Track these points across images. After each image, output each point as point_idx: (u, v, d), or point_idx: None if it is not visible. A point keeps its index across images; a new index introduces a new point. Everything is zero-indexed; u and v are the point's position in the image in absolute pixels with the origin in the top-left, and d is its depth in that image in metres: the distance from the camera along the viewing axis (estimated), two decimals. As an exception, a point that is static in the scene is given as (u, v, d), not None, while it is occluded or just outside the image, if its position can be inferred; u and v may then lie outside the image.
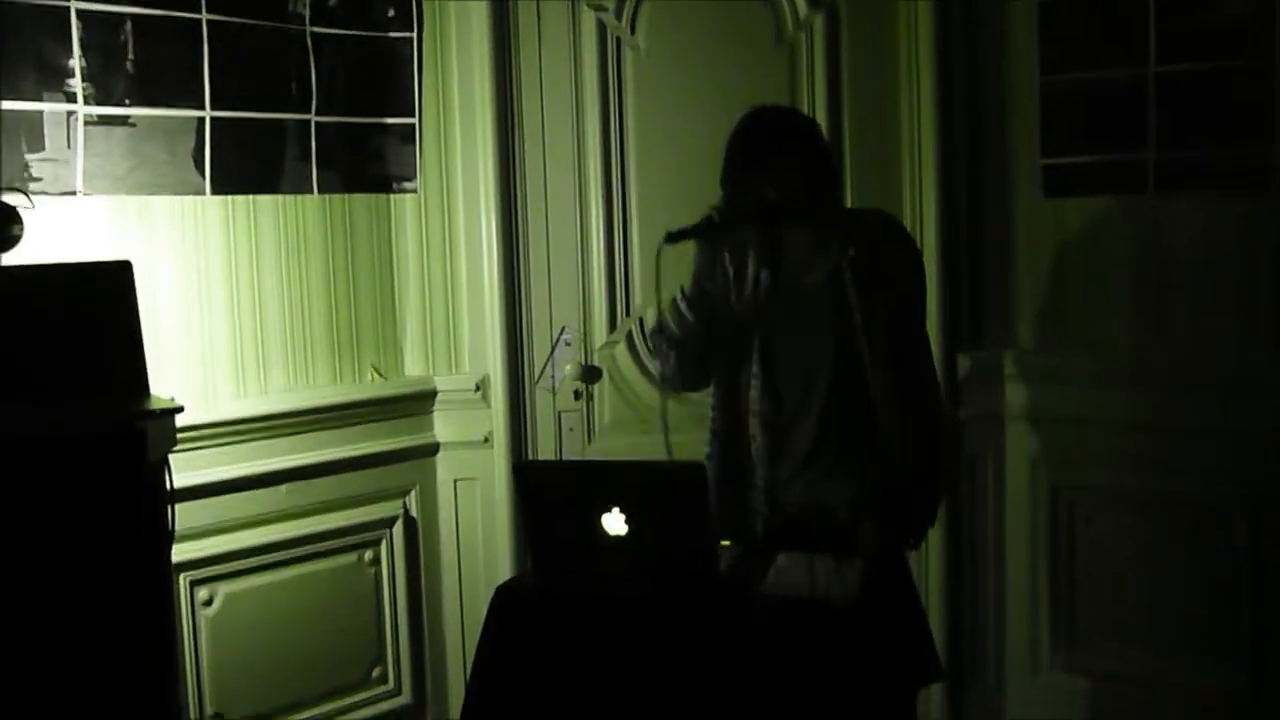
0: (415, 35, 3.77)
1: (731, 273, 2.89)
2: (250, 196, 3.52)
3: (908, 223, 3.45)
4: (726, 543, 2.77)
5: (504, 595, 2.71)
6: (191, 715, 3.39)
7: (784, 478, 2.90)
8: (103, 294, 2.82)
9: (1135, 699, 3.71)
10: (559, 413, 3.84)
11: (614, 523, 2.55)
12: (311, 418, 3.62)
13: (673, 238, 2.70)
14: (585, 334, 3.83)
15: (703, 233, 2.74)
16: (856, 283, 2.77)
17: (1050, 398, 3.80)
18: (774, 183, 2.75)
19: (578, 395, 3.72)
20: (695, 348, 2.90)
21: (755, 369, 2.90)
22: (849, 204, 3.60)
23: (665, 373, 3.00)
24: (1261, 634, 3.49)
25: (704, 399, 3.00)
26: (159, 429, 2.76)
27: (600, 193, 3.82)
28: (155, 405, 2.79)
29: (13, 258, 2.88)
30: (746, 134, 2.83)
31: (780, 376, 2.89)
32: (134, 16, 3.25)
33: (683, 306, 2.88)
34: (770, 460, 2.89)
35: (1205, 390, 3.51)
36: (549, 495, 2.69)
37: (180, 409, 2.80)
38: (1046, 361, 3.82)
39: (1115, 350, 3.68)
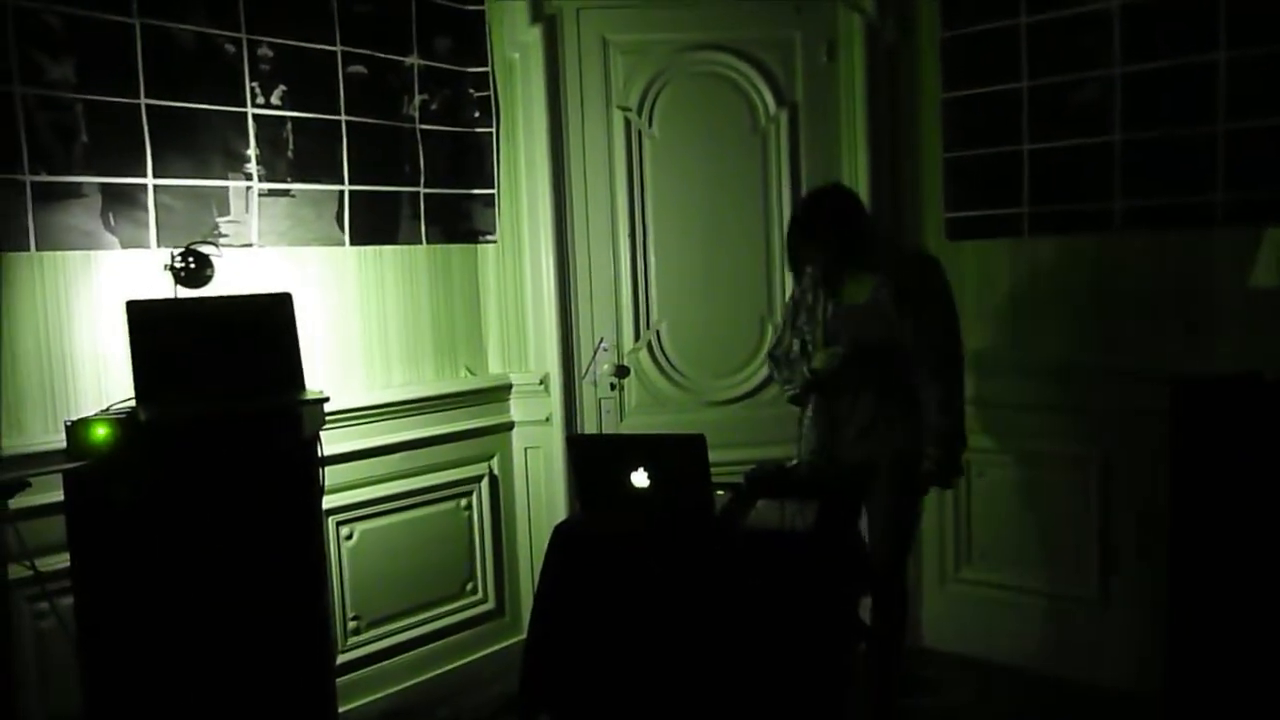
0: (494, 130, 3.75)
1: (810, 301, 2.97)
2: (377, 246, 3.51)
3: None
4: (720, 492, 2.75)
5: (560, 531, 2.70)
6: (336, 617, 3.38)
7: (849, 439, 2.95)
8: (270, 316, 2.82)
9: (1014, 602, 3.65)
10: (599, 400, 3.81)
11: (639, 478, 2.54)
12: (422, 404, 3.60)
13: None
14: (618, 343, 3.80)
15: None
16: (894, 301, 2.84)
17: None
18: (817, 247, 2.87)
19: (612, 387, 3.69)
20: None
21: None
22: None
23: (792, 391, 3.04)
24: (1106, 556, 3.44)
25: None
26: (311, 413, 2.76)
27: (627, 240, 3.78)
28: (308, 396, 2.78)
29: (207, 291, 2.88)
30: (798, 213, 2.96)
31: (843, 374, 2.92)
32: (293, 119, 3.24)
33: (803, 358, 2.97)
34: (835, 428, 2.96)
35: (1055, 378, 3.44)
36: (593, 458, 2.68)
37: (326, 399, 2.79)
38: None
39: (1000, 351, 3.62)
